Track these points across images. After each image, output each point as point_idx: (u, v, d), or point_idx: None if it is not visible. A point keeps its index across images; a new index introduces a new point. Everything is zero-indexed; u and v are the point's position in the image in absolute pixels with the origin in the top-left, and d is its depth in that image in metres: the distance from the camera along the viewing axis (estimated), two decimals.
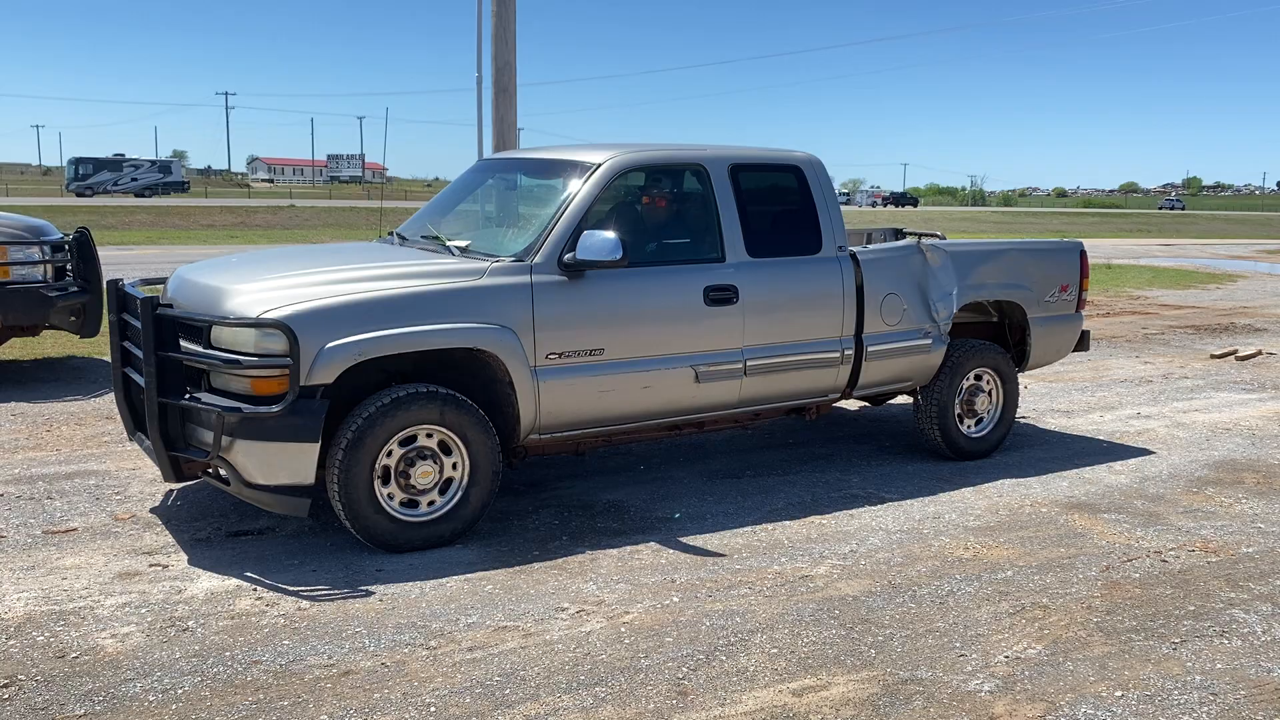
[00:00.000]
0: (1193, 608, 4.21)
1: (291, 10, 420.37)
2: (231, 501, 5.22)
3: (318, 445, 4.39)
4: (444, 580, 4.33)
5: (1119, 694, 3.46)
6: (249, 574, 4.36)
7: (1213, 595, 4.34)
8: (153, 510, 5.13)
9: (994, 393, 6.59)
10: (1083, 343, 7.19)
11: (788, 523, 5.16)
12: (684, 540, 4.87)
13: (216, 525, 4.93)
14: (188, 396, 4.48)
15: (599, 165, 5.24)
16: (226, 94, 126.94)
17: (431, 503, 4.70)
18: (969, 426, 6.52)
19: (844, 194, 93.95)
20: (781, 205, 5.88)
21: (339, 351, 4.39)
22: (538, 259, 4.95)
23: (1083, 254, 6.98)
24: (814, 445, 6.73)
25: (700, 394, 5.41)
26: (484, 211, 6.37)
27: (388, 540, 4.59)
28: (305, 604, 4.06)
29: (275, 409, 4.28)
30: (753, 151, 5.87)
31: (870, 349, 5.94)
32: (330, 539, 4.78)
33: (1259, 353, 11.15)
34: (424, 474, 4.64)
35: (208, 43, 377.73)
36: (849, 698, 3.41)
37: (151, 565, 4.43)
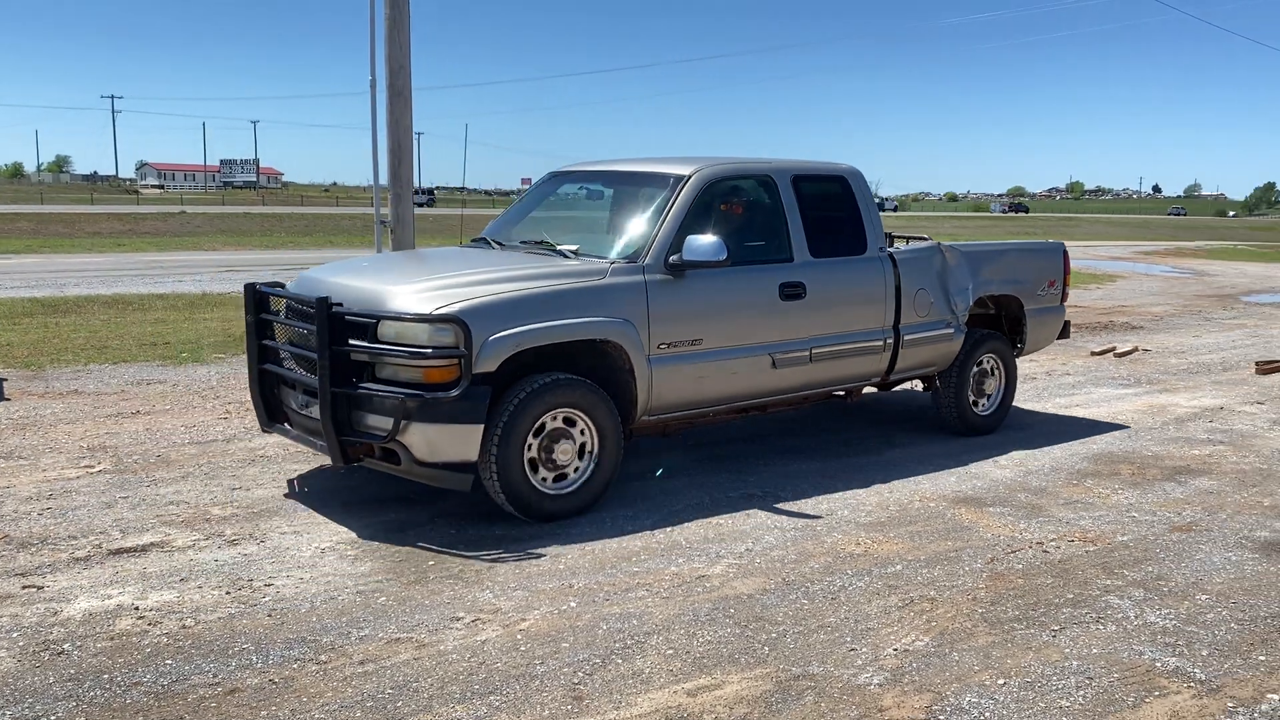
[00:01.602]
0: (1071, 595, 4.37)
1: (180, 11, 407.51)
2: (112, 518, 5.05)
3: (482, 426, 4.87)
4: (336, 594, 4.24)
5: (1001, 682, 3.58)
6: (130, 593, 4.21)
7: (1090, 583, 4.51)
8: (28, 529, 4.91)
9: (999, 376, 7.48)
10: (1064, 331, 8.14)
11: (687, 524, 5.20)
12: (583, 545, 4.87)
13: (96, 543, 4.75)
14: (360, 386, 4.94)
15: (689, 176, 5.84)
16: (113, 97, 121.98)
17: (570, 474, 5.23)
18: (980, 406, 7.36)
19: None
20: (833, 211, 6.56)
21: (501, 343, 4.90)
22: (648, 260, 5.53)
23: (1065, 254, 7.96)
24: (715, 446, 6.80)
25: (775, 379, 6.10)
26: (571, 218, 6.99)
27: (534, 509, 5.10)
28: (190, 622, 3.94)
29: (453, 394, 4.77)
30: (807, 163, 6.58)
31: (905, 338, 6.73)
32: (216, 554, 4.64)
33: (1135, 349, 11.65)
34: (564, 451, 5.20)
35: (91, 44, 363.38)
36: (742, 695, 3.45)
37: (25, 587, 4.24)
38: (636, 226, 5.81)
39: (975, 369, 7.27)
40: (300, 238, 36.05)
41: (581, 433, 5.26)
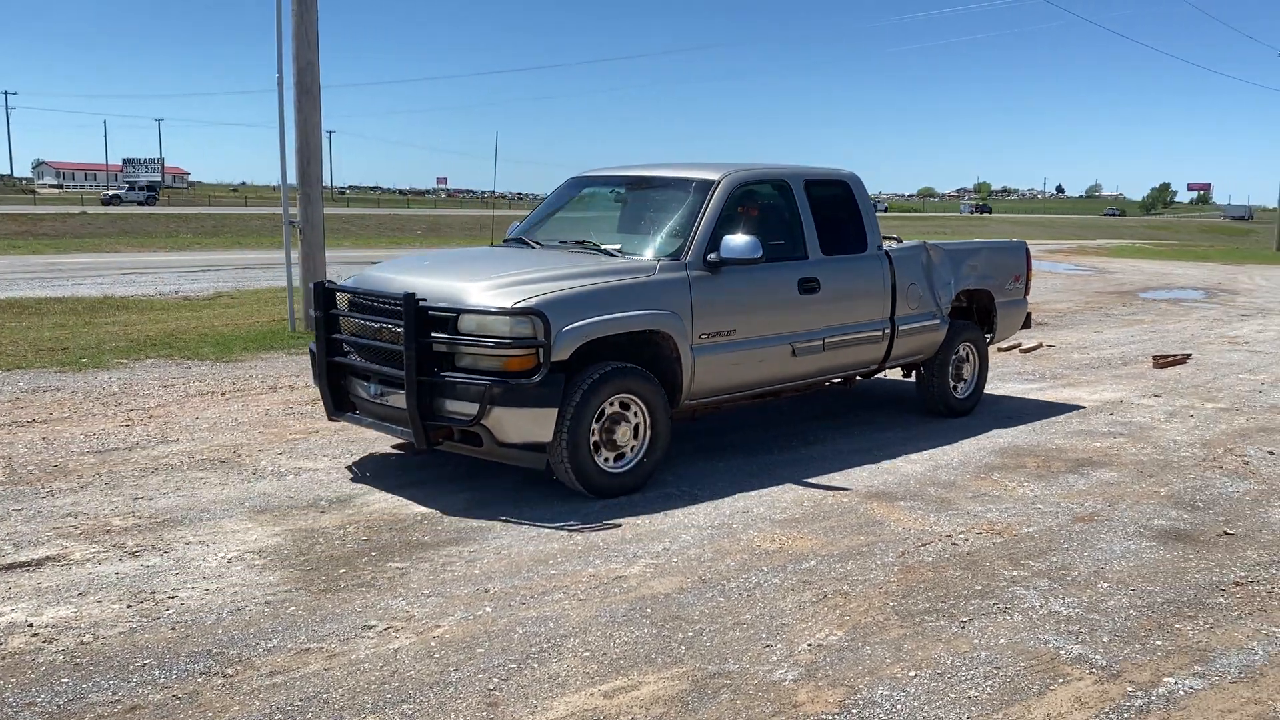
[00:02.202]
0: (979, 587, 4.47)
1: (78, 4, 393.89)
2: (4, 532, 4.84)
3: (556, 410, 5.31)
4: (244, 604, 4.13)
5: (912, 674, 3.64)
6: (24, 609, 4.04)
7: (997, 574, 4.62)
8: None
9: (974, 362, 8.17)
10: (1027, 321, 8.95)
11: (604, 524, 5.19)
12: (499, 549, 4.82)
13: None
14: (444, 374, 5.34)
15: (719, 181, 6.36)
16: (5, 93, 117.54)
17: (626, 454, 5.70)
18: (959, 390, 8.04)
19: None
20: (838, 212, 7.10)
21: (573, 333, 5.36)
22: (689, 258, 6.04)
23: (1027, 251, 8.86)
24: None
25: (794, 366, 6.66)
26: (597, 218, 7.41)
27: (597, 486, 5.55)
28: (88, 638, 3.80)
29: (535, 379, 5.22)
30: (814, 168, 7.15)
31: (900, 328, 7.37)
32: (116, 567, 4.49)
33: (1040, 345, 11.99)
34: (623, 433, 5.66)
35: None
36: (658, 696, 3.45)
37: None
38: (675, 227, 6.32)
39: (954, 356, 7.94)
40: (207, 239, 35.13)
41: (635, 416, 5.71)
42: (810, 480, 6.07)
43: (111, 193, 68.82)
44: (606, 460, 5.63)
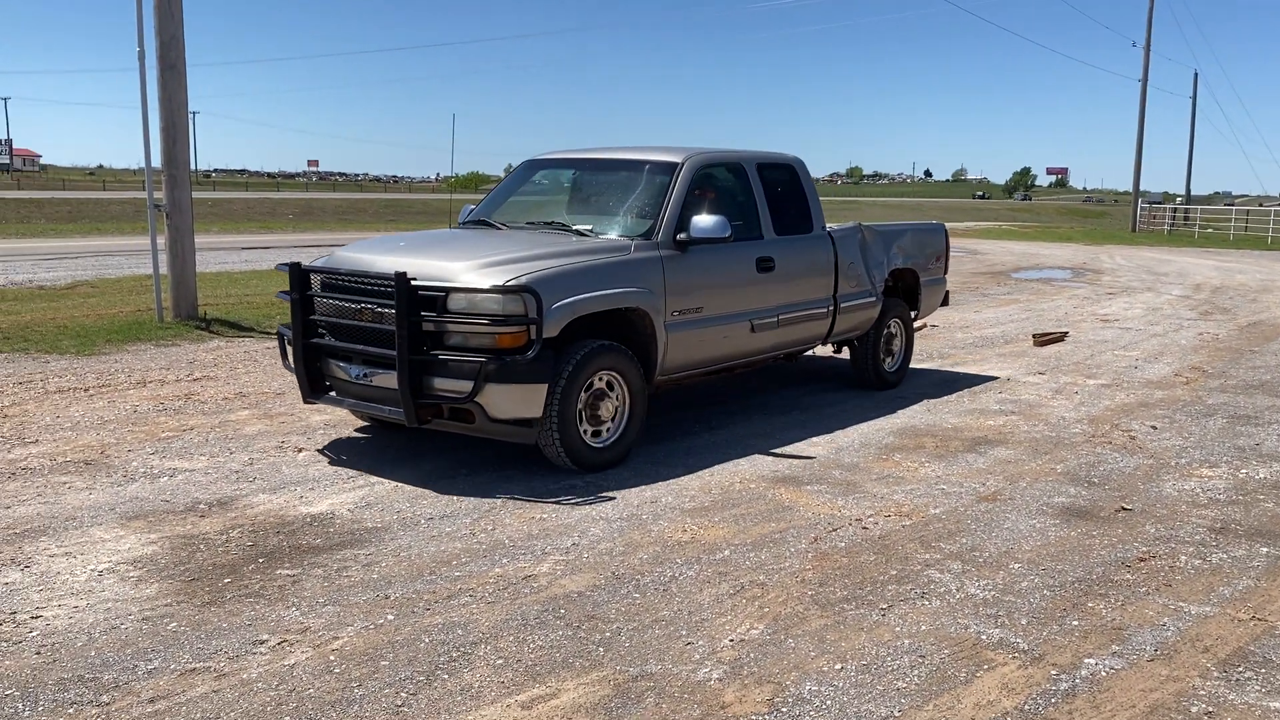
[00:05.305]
0: (895, 572, 4.41)
1: None
2: None
3: (546, 386, 5.39)
4: (119, 622, 3.77)
5: (839, 667, 3.54)
6: None
7: (910, 558, 4.58)
8: None
9: (901, 338, 8.61)
10: (945, 299, 9.43)
11: (508, 520, 4.96)
12: (397, 550, 4.55)
13: None
14: (436, 352, 5.38)
15: (683, 164, 6.53)
16: None
17: (603, 433, 5.82)
18: (888, 364, 8.44)
19: None
20: (786, 194, 7.35)
21: (562, 310, 5.44)
22: (660, 237, 6.19)
23: (946, 233, 9.25)
24: None
25: (752, 342, 6.90)
26: (554, 201, 7.46)
27: (585, 460, 5.68)
28: None
29: (529, 355, 5.29)
30: (763, 152, 7.40)
31: (842, 305, 7.69)
32: None
33: (924, 325, 12.18)
34: (606, 409, 5.80)
35: None
36: (580, 703, 3.26)
37: None
38: (642, 208, 6.47)
39: (885, 333, 8.32)
40: (63, 225, 33.20)
41: (616, 392, 5.85)
42: (715, 466, 5.95)
43: None
44: (587, 434, 5.73)
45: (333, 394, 5.97)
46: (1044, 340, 11.07)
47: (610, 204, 6.92)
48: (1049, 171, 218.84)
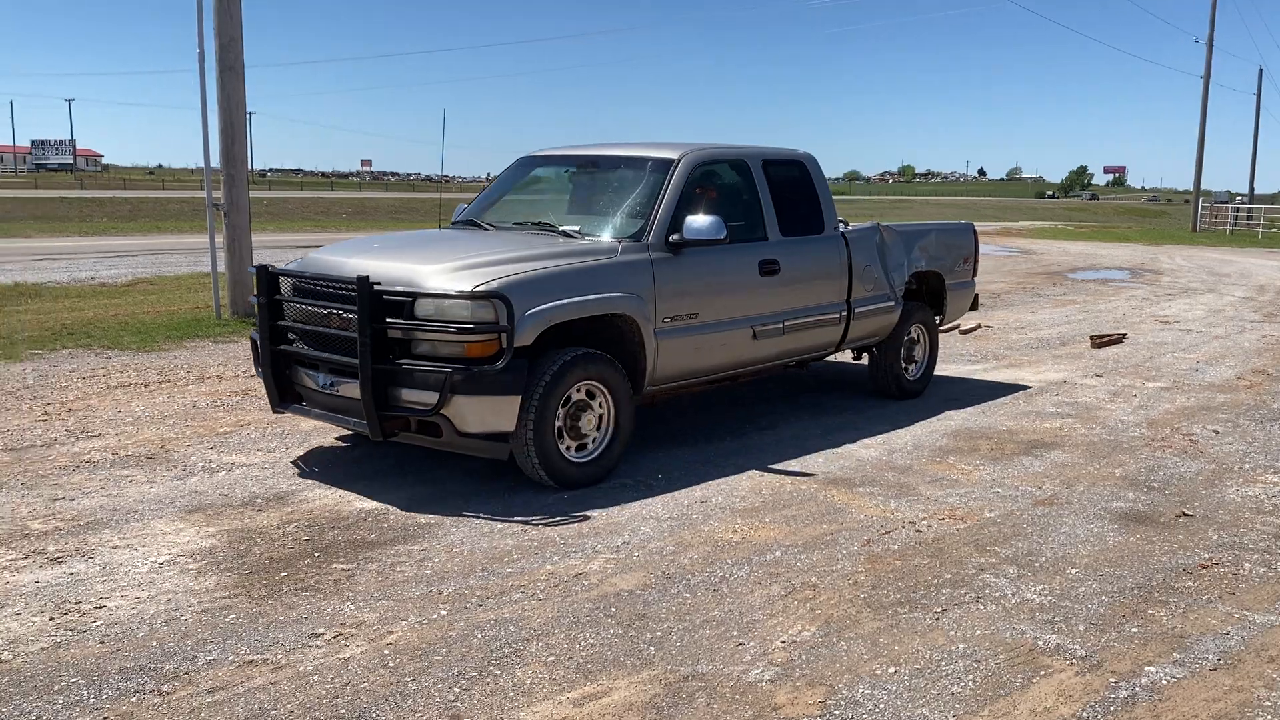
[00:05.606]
0: (949, 575, 4.36)
1: None
2: None
3: (520, 398, 5.07)
4: (179, 613, 3.84)
5: (892, 670, 3.51)
6: None
7: (965, 562, 4.52)
8: None
9: (925, 344, 8.11)
10: (974, 303, 8.87)
11: (558, 519, 4.98)
12: (450, 546, 4.59)
13: None
14: (402, 362, 5.07)
15: (679, 160, 6.15)
16: None
17: (588, 445, 5.49)
18: (910, 372, 7.97)
19: None
20: (796, 192, 6.94)
21: (537, 317, 5.12)
22: (650, 239, 5.83)
23: (975, 233, 8.70)
24: None
25: (754, 350, 6.49)
26: (550, 200, 7.15)
27: (564, 476, 5.34)
28: (7, 655, 3.49)
29: (498, 366, 4.97)
30: (770, 148, 6.97)
31: (856, 311, 7.25)
32: (36, 575, 4.16)
33: (979, 326, 12.04)
34: (588, 422, 5.46)
35: None
36: (631, 702, 3.27)
37: None
38: (634, 208, 6.10)
39: (906, 338, 7.86)
40: (124, 223, 33.93)
41: (600, 403, 5.51)
42: (767, 467, 5.92)
43: None
44: (570, 450, 5.42)
45: (302, 404, 5.71)
46: (1102, 342, 10.88)
47: (603, 203, 6.53)
48: (1106, 170, 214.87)
